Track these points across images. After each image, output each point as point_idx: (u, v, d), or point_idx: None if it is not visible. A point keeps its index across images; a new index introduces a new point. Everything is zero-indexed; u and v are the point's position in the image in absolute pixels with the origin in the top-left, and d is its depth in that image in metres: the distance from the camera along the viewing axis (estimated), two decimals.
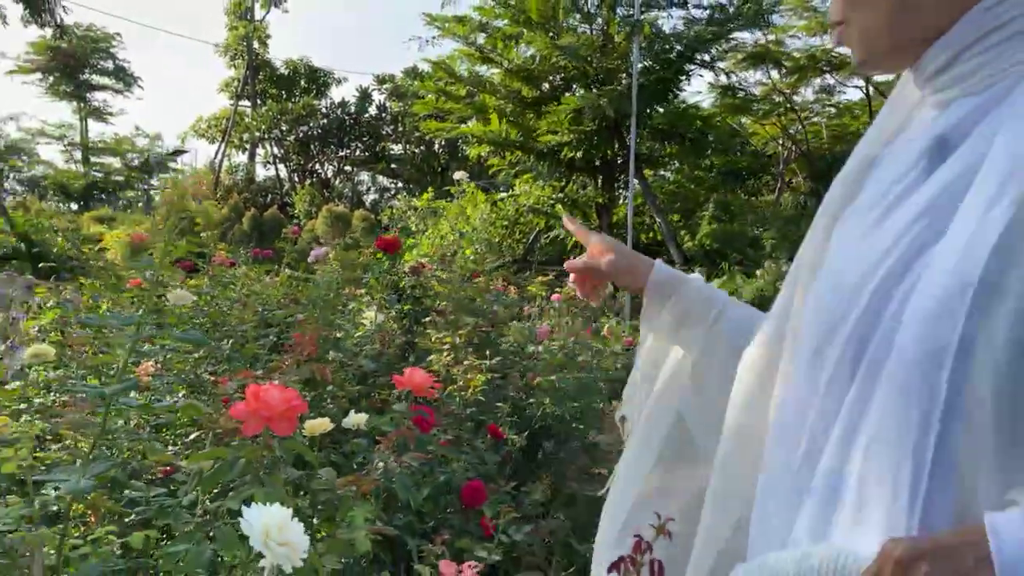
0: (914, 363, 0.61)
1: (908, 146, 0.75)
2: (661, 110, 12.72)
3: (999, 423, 0.58)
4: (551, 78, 13.26)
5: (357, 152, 26.93)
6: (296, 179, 27.04)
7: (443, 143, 22.78)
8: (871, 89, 16.23)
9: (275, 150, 26.82)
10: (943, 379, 0.59)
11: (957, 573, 0.56)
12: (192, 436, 1.80)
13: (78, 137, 28.48)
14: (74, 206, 25.99)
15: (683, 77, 12.54)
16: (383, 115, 26.47)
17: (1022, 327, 0.57)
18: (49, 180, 27.14)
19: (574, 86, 13.12)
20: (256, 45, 25.34)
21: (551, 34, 12.41)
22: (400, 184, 28.18)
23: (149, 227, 15.83)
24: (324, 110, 26.20)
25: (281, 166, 27.37)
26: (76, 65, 26.80)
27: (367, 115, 26.31)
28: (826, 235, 0.79)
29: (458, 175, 5.66)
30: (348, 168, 27.90)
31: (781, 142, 18.75)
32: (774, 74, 16.87)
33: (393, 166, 27.01)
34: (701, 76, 41.19)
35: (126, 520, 1.19)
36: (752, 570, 0.69)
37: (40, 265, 10.09)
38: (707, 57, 12.46)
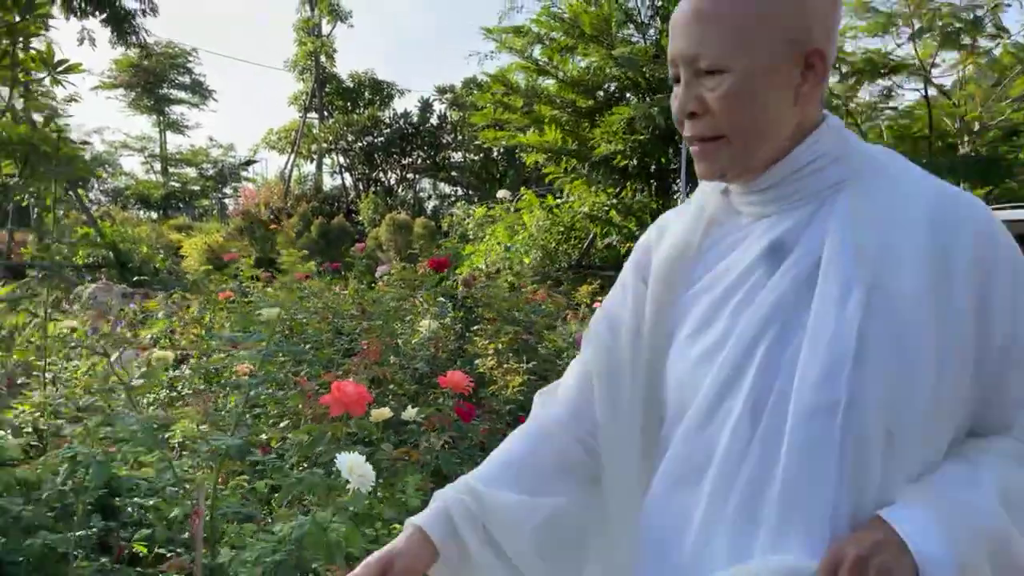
0: (812, 414, 0.79)
1: (744, 249, 0.93)
2: None
3: (884, 452, 0.78)
4: (606, 87, 13.60)
5: (419, 160, 27.75)
6: (361, 187, 28.01)
7: (501, 150, 23.29)
8: (930, 91, 16.03)
9: (341, 160, 27.87)
10: (837, 425, 0.78)
11: (895, 558, 0.74)
12: (283, 423, 2.26)
13: (158, 149, 30.12)
14: (154, 215, 27.37)
15: None
16: (444, 124, 27.23)
17: (885, 385, 0.79)
18: (131, 190, 28.71)
19: (628, 95, 13.43)
20: (323, 59, 26.36)
21: (605, 45, 12.77)
22: (460, 190, 28.89)
23: (225, 241, 16.73)
24: (388, 120, 27.11)
25: (347, 175, 28.40)
26: (156, 81, 28.33)
27: (428, 125, 27.10)
28: (657, 308, 0.98)
29: (501, 194, 6.13)
30: (410, 176, 28.76)
31: None
32: (831, 78, 16.78)
33: (453, 173, 27.74)
34: None
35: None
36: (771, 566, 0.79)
37: (136, 278, 10.88)
38: None
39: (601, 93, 13.48)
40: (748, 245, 0.93)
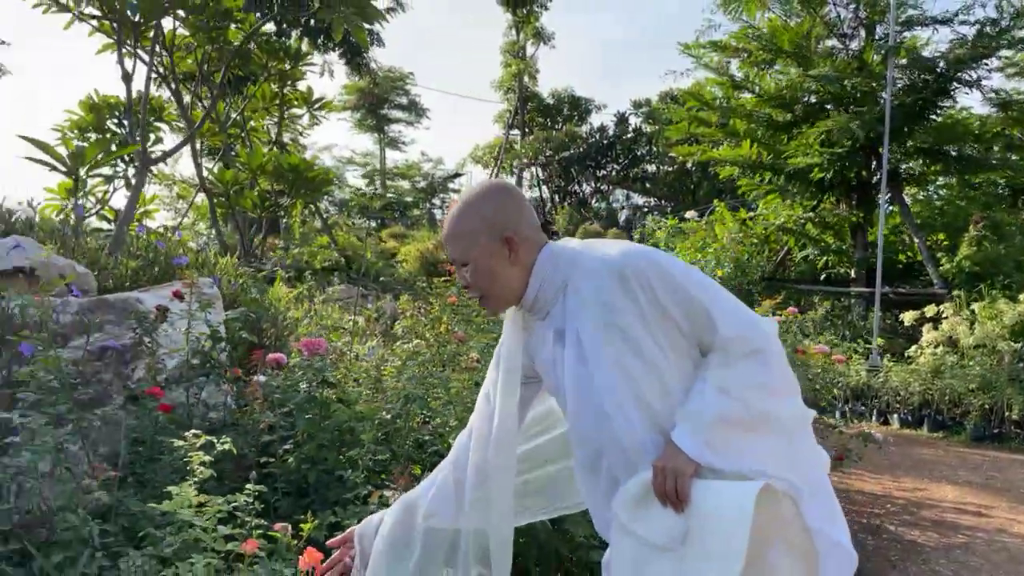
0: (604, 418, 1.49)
1: (543, 338, 1.58)
2: (919, 129, 12.50)
3: (643, 417, 1.45)
4: (804, 100, 13.55)
5: (613, 172, 28.52)
6: (557, 199, 29.27)
7: (695, 162, 23.45)
8: None
9: (540, 173, 29.30)
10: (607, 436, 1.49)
11: (674, 454, 1.38)
12: None
13: (378, 164, 33.29)
14: (373, 224, 30.20)
15: (944, 97, 12.25)
16: (638, 137, 27.78)
17: (606, 388, 1.46)
18: (355, 202, 31.91)
19: (828, 106, 13.31)
20: (526, 79, 27.90)
21: (804, 62, 12.76)
22: (653, 201, 29.27)
23: (435, 248, 18.44)
24: (584, 135, 28.13)
25: (544, 187, 29.77)
26: (378, 103, 31.35)
27: (624, 138, 27.78)
28: (508, 375, 1.61)
29: (689, 214, 6.69)
30: (604, 187, 29.59)
31: None
32: None
33: (647, 184, 28.19)
34: (967, 94, 37.10)
35: None
36: (621, 497, 1.46)
37: (380, 280, 12.50)
38: (972, 75, 12.04)
39: (799, 107, 13.44)
40: (545, 335, 1.60)
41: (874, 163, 13.03)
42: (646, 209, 28.58)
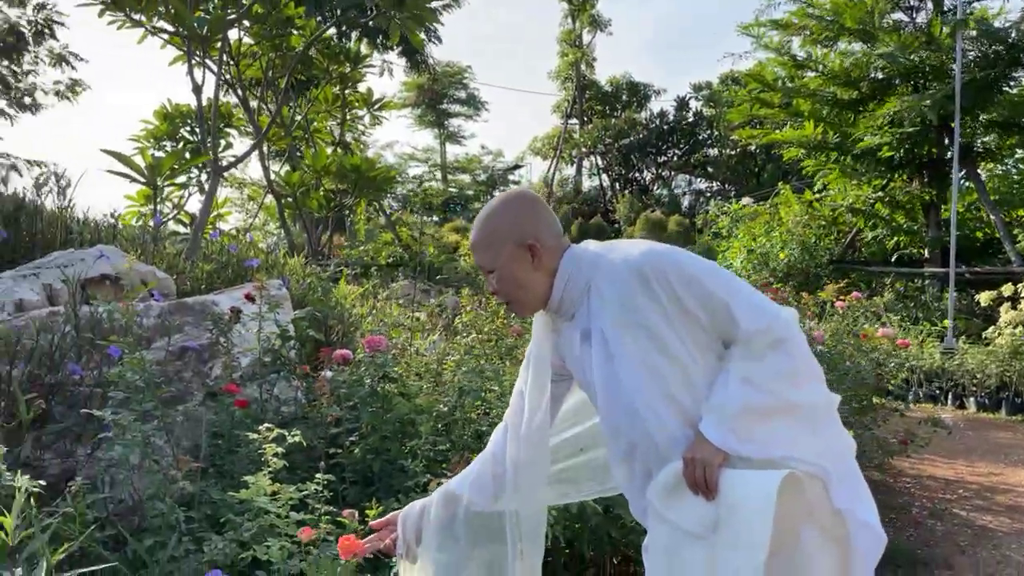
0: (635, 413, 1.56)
1: (570, 339, 1.66)
2: (992, 103, 11.98)
3: (673, 412, 1.52)
4: (871, 76, 13.14)
5: (674, 158, 28.17)
6: (618, 187, 29.09)
7: (758, 145, 23.00)
8: None
9: (599, 161, 29.17)
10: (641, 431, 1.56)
11: (701, 443, 1.46)
12: None
13: (439, 159, 33.69)
14: (435, 218, 30.57)
15: (1017, 68, 11.71)
16: (699, 121, 27.36)
17: (632, 387, 1.53)
18: (416, 197, 32.37)
19: (896, 82, 12.87)
20: (583, 68, 27.78)
21: (868, 37, 12.38)
22: (716, 185, 28.80)
23: None
24: (644, 121, 27.85)
25: (604, 176, 29.62)
26: (437, 98, 31.68)
27: (684, 122, 27.40)
28: (539, 377, 1.70)
29: (745, 201, 6.65)
30: (665, 173, 29.25)
31: None
32: None
33: (709, 169, 27.74)
34: None
35: None
36: (654, 486, 1.53)
37: (437, 277, 12.77)
38: None
39: (865, 84, 13.04)
40: (572, 336, 1.67)
41: (946, 139, 12.56)
42: (709, 194, 28.15)
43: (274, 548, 2.08)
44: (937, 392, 9.05)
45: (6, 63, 14.84)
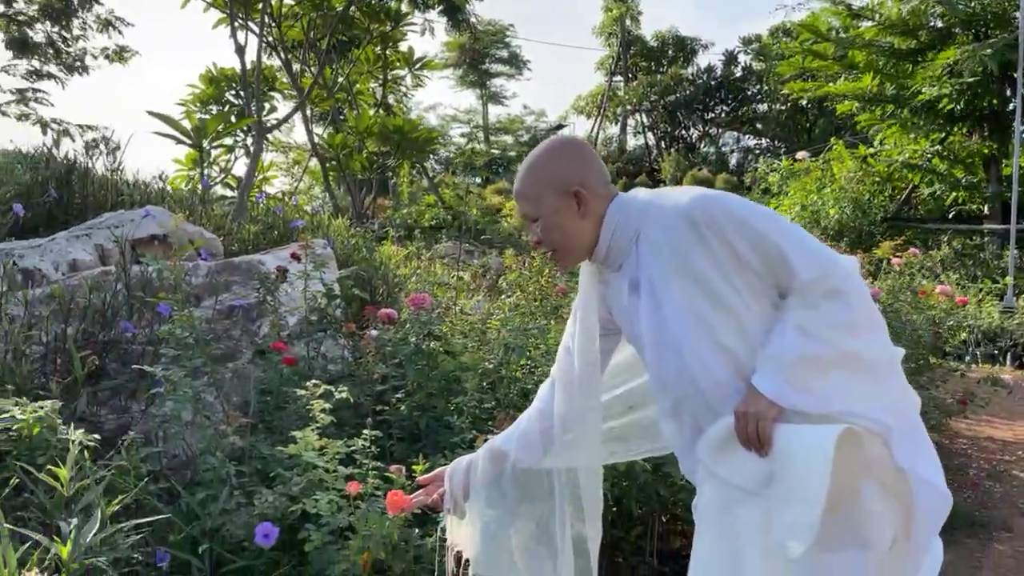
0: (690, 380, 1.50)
1: (618, 289, 1.60)
2: None
3: (727, 361, 1.46)
4: (930, 24, 12.57)
5: (722, 114, 27.48)
6: (663, 145, 28.55)
7: (810, 99, 22.30)
8: None
9: (644, 119, 28.62)
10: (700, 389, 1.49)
11: (754, 397, 1.39)
12: None
13: (481, 120, 33.46)
14: (478, 179, 30.48)
15: None
16: (748, 76, 26.58)
17: (692, 336, 1.46)
18: (459, 159, 32.28)
19: (955, 29, 12.30)
20: (628, 23, 27.14)
21: None
22: (765, 142, 28.07)
23: None
24: (691, 77, 27.17)
25: (649, 134, 29.09)
26: (479, 58, 31.34)
27: (733, 78, 26.65)
28: (587, 329, 1.66)
29: (800, 155, 6.44)
30: (713, 131, 28.59)
31: None
32: None
33: (758, 125, 27.02)
34: None
35: None
36: (704, 442, 1.49)
37: (481, 237, 12.75)
38: None
39: (923, 33, 12.48)
40: (620, 286, 1.61)
41: (1008, 90, 11.99)
42: (757, 151, 27.47)
43: (323, 502, 2.09)
44: (996, 352, 8.77)
45: (56, 29, 15.08)
